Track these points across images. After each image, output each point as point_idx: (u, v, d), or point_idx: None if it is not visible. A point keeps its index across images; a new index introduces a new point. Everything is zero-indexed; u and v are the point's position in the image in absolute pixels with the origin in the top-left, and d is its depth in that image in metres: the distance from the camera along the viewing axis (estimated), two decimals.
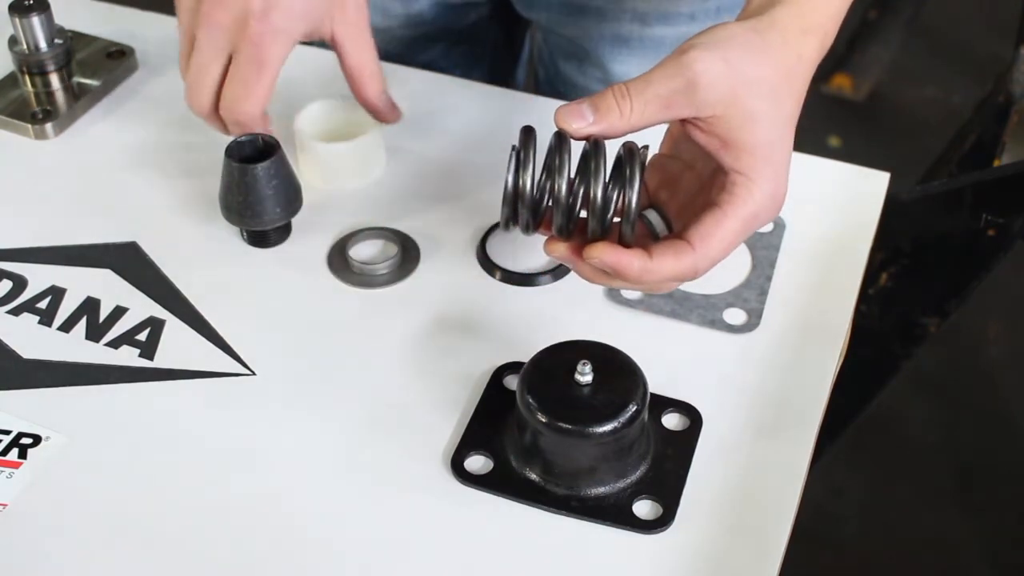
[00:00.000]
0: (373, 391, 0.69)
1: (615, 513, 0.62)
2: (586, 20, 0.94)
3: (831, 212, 0.79)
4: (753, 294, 0.74)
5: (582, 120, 0.58)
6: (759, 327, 0.72)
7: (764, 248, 0.77)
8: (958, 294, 1.18)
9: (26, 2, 0.84)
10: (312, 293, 0.75)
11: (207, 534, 0.62)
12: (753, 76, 0.58)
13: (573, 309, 0.73)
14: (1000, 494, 1.65)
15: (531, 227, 0.62)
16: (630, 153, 0.59)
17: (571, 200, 0.60)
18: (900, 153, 1.65)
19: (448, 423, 0.67)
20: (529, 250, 0.77)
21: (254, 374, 0.70)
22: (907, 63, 2.39)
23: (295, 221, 0.77)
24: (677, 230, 0.62)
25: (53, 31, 0.86)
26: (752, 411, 0.68)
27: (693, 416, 0.66)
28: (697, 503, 0.63)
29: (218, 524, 0.62)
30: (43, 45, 0.86)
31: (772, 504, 0.63)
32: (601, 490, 0.62)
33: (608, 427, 0.60)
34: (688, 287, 0.74)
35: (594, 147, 0.59)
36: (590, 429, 0.60)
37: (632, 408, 0.60)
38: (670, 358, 0.70)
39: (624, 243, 0.60)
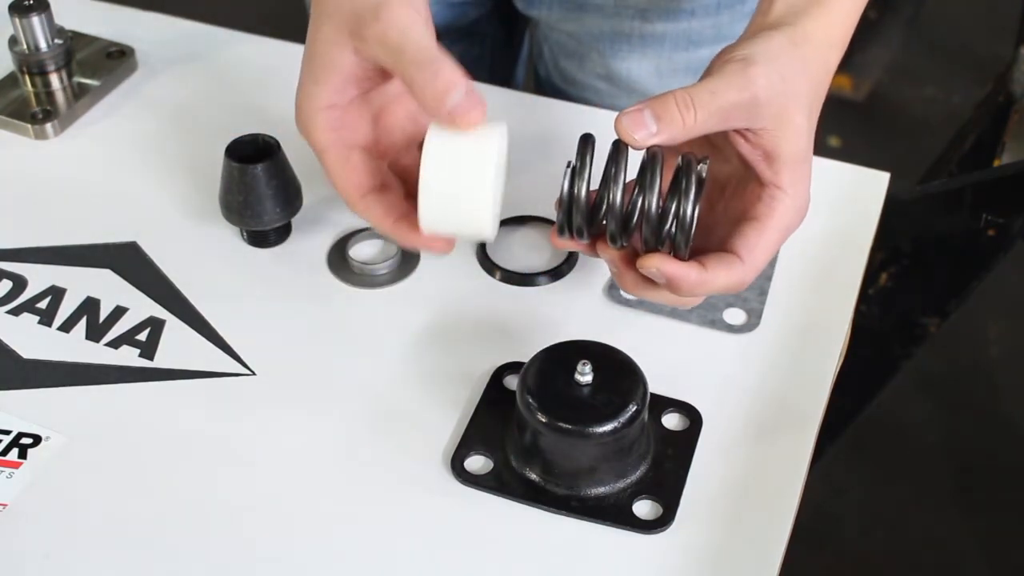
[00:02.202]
0: (373, 391, 0.69)
1: (615, 513, 0.62)
2: (587, 16, 0.94)
3: (831, 212, 0.79)
4: (753, 294, 0.74)
5: (644, 130, 0.58)
6: (759, 327, 0.72)
7: None
8: (958, 294, 1.18)
9: (26, 2, 0.84)
10: (312, 293, 0.75)
11: (207, 534, 0.62)
12: (799, 90, 0.60)
13: (573, 309, 0.73)
14: (1000, 494, 1.65)
15: (585, 235, 0.62)
16: (688, 166, 0.60)
17: (627, 210, 0.60)
18: (900, 153, 1.65)
19: (448, 423, 0.67)
20: (529, 250, 0.77)
21: (254, 374, 0.70)
22: (907, 63, 2.39)
23: (295, 221, 0.77)
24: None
25: (53, 31, 0.86)
26: (752, 411, 0.68)
27: (693, 416, 0.66)
28: (697, 503, 0.63)
29: (218, 524, 0.62)
30: (43, 45, 0.86)
31: (772, 504, 0.63)
32: (601, 490, 0.62)
33: (608, 427, 0.60)
34: None
35: (651, 159, 0.60)
36: (590, 429, 0.60)
37: (632, 408, 0.60)
38: (670, 358, 0.70)
39: (678, 256, 0.61)
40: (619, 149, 0.60)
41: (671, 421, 0.67)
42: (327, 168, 0.65)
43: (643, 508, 0.62)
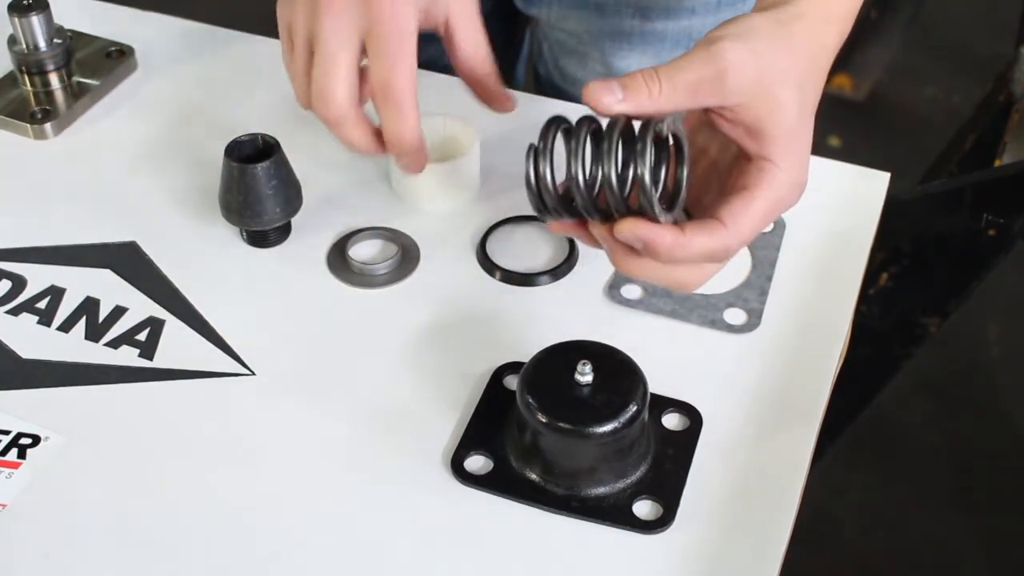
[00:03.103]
0: (373, 391, 0.69)
1: (615, 513, 0.62)
2: (587, 15, 0.94)
3: (831, 212, 0.79)
4: (753, 294, 0.74)
5: (611, 96, 0.58)
6: (759, 327, 0.72)
7: (764, 248, 0.77)
8: (958, 294, 1.18)
9: (25, 1, 0.84)
10: (312, 293, 0.74)
11: (207, 534, 0.62)
12: (779, 66, 0.59)
13: (573, 309, 0.73)
14: (1000, 494, 1.65)
15: (562, 213, 0.62)
16: (644, 126, 0.59)
17: (588, 180, 0.60)
18: (900, 153, 1.65)
19: (448, 423, 0.67)
20: (529, 250, 0.77)
21: (254, 374, 0.70)
22: (907, 63, 2.39)
23: (295, 221, 0.77)
24: (693, 215, 0.62)
25: (52, 31, 0.86)
26: (752, 411, 0.68)
27: (693, 416, 0.66)
28: (697, 503, 0.63)
29: (218, 524, 0.62)
30: (42, 45, 0.86)
31: (772, 504, 0.63)
32: (601, 490, 0.62)
33: (608, 427, 0.60)
34: None
35: (609, 127, 0.59)
36: (590, 429, 0.60)
37: (632, 408, 0.60)
38: (670, 358, 0.70)
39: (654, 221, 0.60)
40: (580, 123, 0.60)
41: (671, 421, 0.66)
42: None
43: (643, 508, 0.62)
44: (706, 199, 0.63)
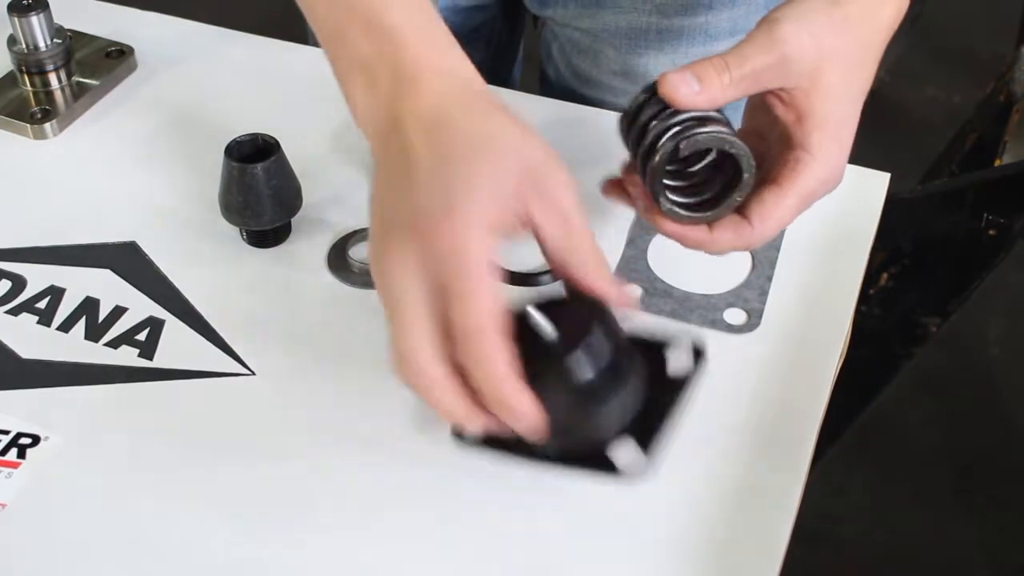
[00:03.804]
0: (373, 391, 0.69)
1: (598, 461, 0.60)
2: (603, 13, 0.93)
3: (831, 212, 0.79)
4: (753, 294, 0.74)
5: (687, 87, 0.60)
6: (759, 327, 0.72)
7: (764, 248, 0.77)
8: (959, 294, 1.18)
9: (25, 1, 0.84)
10: (312, 293, 0.74)
11: (207, 534, 0.62)
12: (834, 50, 0.60)
13: None
14: (1000, 494, 1.65)
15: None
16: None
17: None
18: (900, 153, 1.65)
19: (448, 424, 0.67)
20: (529, 250, 0.77)
21: (254, 374, 0.70)
22: (907, 63, 2.39)
23: (295, 221, 0.77)
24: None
25: (52, 30, 0.86)
26: (752, 411, 0.68)
27: (696, 355, 0.63)
28: (697, 503, 0.63)
29: (217, 524, 0.62)
30: (42, 44, 0.86)
31: (772, 504, 0.63)
32: (590, 437, 0.60)
33: (576, 364, 0.56)
34: (688, 287, 0.74)
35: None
36: (564, 376, 0.56)
37: (593, 339, 0.56)
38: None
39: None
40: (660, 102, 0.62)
41: (671, 363, 0.63)
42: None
43: (625, 454, 0.59)
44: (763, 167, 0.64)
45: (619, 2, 0.92)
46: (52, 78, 0.87)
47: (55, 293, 0.74)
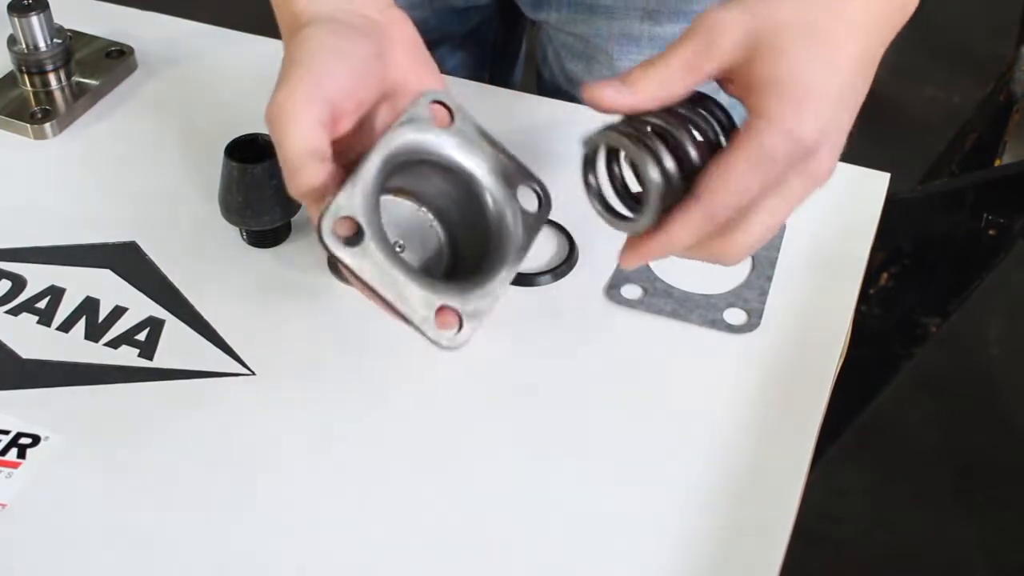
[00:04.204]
0: (373, 391, 0.69)
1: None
2: (596, 19, 0.93)
3: (831, 212, 0.79)
4: (753, 294, 0.74)
5: (613, 91, 0.57)
6: (759, 327, 0.72)
7: (764, 248, 0.77)
8: (959, 294, 1.18)
9: (25, 1, 0.84)
10: (312, 293, 0.74)
11: (206, 534, 0.62)
12: (782, 19, 0.56)
13: (573, 309, 0.73)
14: (1000, 494, 1.65)
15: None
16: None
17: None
18: (900, 153, 1.65)
19: (448, 422, 0.67)
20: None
21: (254, 374, 0.70)
22: (907, 63, 2.39)
23: (295, 221, 0.77)
24: None
25: (52, 30, 0.86)
26: (752, 411, 0.68)
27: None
28: (697, 502, 0.63)
29: (217, 524, 0.62)
30: (42, 44, 0.86)
31: (772, 504, 0.63)
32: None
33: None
34: (688, 287, 0.74)
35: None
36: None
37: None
38: (670, 358, 0.70)
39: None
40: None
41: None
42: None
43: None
44: None
45: (611, 8, 0.92)
46: (52, 78, 0.87)
47: (55, 293, 0.74)
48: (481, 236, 0.65)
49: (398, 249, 0.64)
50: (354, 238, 0.58)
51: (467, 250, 0.67)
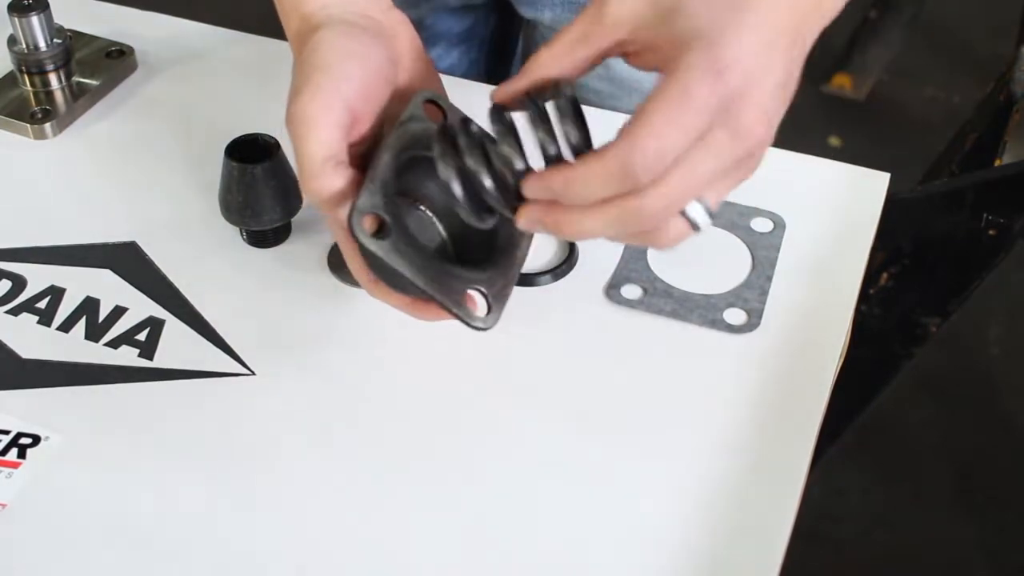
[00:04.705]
0: (373, 391, 0.69)
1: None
2: None
3: (831, 212, 0.79)
4: (753, 294, 0.74)
5: (511, 83, 0.58)
6: (759, 327, 0.72)
7: (764, 248, 0.77)
8: (959, 294, 1.18)
9: (25, 1, 0.84)
10: (312, 293, 0.74)
11: (206, 534, 0.62)
12: None
13: (573, 309, 0.73)
14: (1000, 494, 1.65)
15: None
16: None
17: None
18: (900, 153, 1.65)
19: (448, 421, 0.67)
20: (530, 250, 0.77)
21: (254, 374, 0.70)
22: (907, 63, 2.39)
23: (295, 221, 0.77)
24: None
25: (52, 30, 0.86)
26: (752, 411, 0.68)
27: None
28: (697, 503, 0.63)
29: (217, 524, 0.62)
30: (42, 44, 0.86)
31: (772, 504, 0.63)
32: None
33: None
34: (688, 287, 0.74)
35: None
36: None
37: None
38: (670, 358, 0.70)
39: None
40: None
41: None
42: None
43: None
44: None
45: None
46: (52, 78, 0.87)
47: (55, 293, 0.74)
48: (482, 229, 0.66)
49: None
50: (381, 232, 0.59)
51: (470, 242, 0.67)
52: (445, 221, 0.68)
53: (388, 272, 0.61)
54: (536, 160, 0.57)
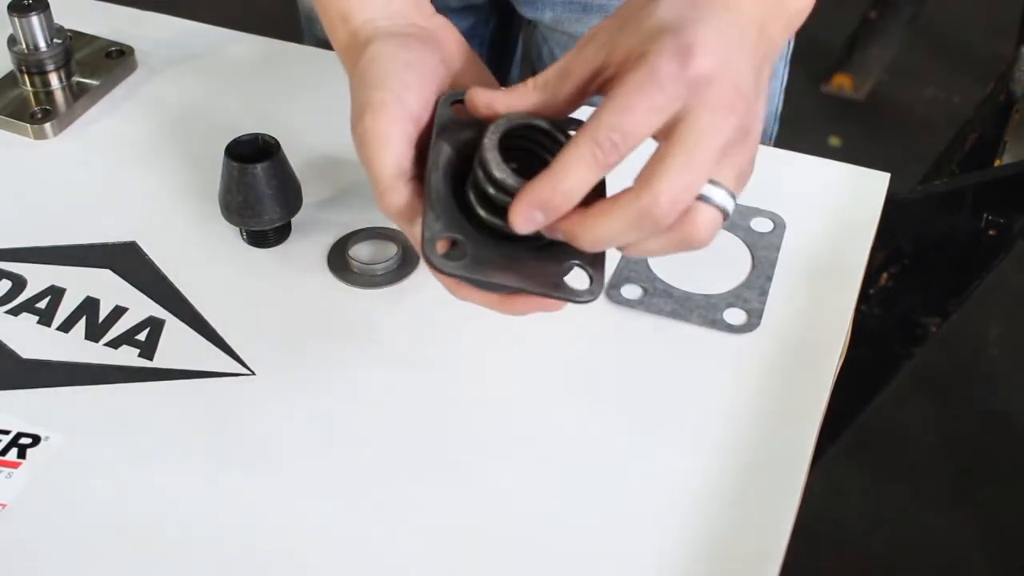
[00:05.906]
0: (373, 391, 0.69)
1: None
2: (590, 17, 0.93)
3: (831, 212, 0.79)
4: (753, 294, 0.74)
5: (487, 96, 0.59)
6: (759, 327, 0.72)
7: (764, 248, 0.77)
8: (959, 294, 1.18)
9: (25, 1, 0.84)
10: (312, 293, 0.74)
11: (206, 534, 0.62)
12: (640, 3, 0.56)
13: (573, 309, 0.73)
14: (1000, 494, 1.65)
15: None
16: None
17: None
18: (900, 153, 1.65)
19: (448, 421, 0.67)
20: None
21: (254, 374, 0.70)
22: (907, 63, 2.39)
23: (295, 221, 0.77)
24: None
25: (52, 30, 0.86)
26: (752, 411, 0.68)
27: None
28: (697, 502, 0.63)
29: (217, 524, 0.62)
30: (42, 44, 0.86)
31: (772, 504, 0.63)
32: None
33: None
34: (688, 287, 0.74)
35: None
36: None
37: None
38: (670, 358, 0.70)
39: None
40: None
41: None
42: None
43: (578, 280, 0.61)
44: None
45: (605, 7, 0.92)
46: (52, 78, 0.87)
47: (55, 293, 0.74)
48: None
49: None
50: (456, 252, 0.59)
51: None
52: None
53: (474, 280, 0.60)
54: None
